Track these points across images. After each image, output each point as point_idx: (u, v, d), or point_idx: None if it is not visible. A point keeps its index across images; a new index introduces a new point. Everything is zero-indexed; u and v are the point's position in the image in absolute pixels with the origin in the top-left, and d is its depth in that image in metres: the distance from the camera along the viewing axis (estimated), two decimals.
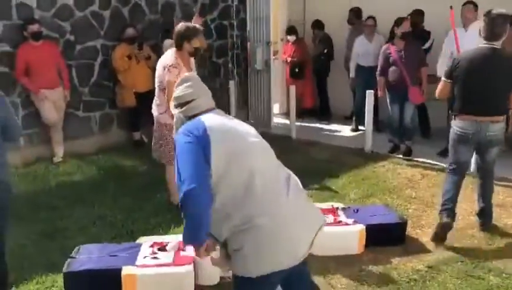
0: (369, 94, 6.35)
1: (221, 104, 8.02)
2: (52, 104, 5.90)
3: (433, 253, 3.78)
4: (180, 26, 4.29)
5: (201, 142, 2.08)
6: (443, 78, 3.97)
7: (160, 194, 4.94)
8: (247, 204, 2.10)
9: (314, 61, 8.55)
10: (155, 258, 3.23)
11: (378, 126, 7.13)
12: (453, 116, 3.95)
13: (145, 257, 3.25)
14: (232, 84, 8.12)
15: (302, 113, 8.25)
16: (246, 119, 8.51)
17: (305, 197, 2.39)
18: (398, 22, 6.01)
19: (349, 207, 4.16)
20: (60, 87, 6.01)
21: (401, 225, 3.90)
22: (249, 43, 8.41)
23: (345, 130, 7.70)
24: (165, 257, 3.25)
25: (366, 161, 6.04)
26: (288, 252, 2.14)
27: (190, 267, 3.13)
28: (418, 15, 6.88)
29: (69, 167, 5.91)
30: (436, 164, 5.74)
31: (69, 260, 3.26)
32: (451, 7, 5.03)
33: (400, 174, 5.60)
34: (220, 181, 2.09)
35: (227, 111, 8.12)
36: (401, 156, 6.16)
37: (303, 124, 7.93)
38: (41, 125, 6.09)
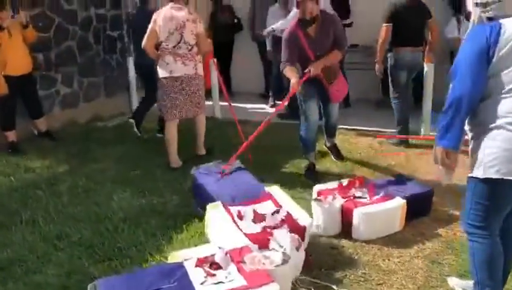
0: None
1: (119, 85, 6.92)
2: None
3: None
4: None
5: (491, 42, 2.14)
6: None
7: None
8: (506, 104, 2.15)
9: (215, 34, 7.87)
10: (219, 282, 2.37)
11: None
12: None
13: (203, 283, 2.36)
14: (130, 61, 7.01)
15: None
16: None
17: None
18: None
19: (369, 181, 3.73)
20: None
21: (431, 194, 3.63)
22: None
23: (265, 107, 7.21)
24: (229, 277, 2.41)
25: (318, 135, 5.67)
26: None
27: (274, 285, 2.36)
28: None
29: None
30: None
31: None
32: None
33: (355, 143, 5.40)
34: (492, 78, 2.17)
35: (125, 92, 7.03)
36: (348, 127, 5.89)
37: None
38: None
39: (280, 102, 6.96)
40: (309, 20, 4.01)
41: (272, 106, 7.23)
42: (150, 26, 4.45)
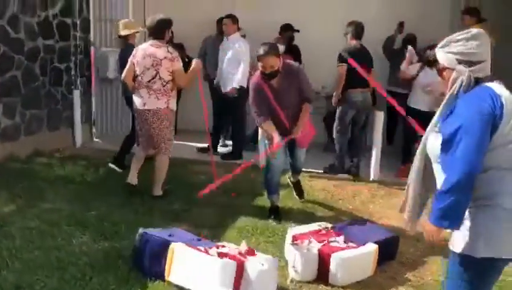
0: None
1: (63, 119, 6.59)
2: None
3: (427, 261, 3.74)
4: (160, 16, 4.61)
5: (495, 114, 1.98)
6: None
7: None
8: (503, 181, 2.01)
9: None
10: None
11: None
12: None
13: None
14: (76, 95, 6.77)
15: None
16: (89, 135, 7.18)
17: None
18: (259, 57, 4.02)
19: (335, 226, 3.80)
20: None
21: (398, 239, 3.76)
22: (92, 48, 7.14)
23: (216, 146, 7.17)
24: None
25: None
26: None
27: None
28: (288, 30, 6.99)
29: None
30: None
31: None
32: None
33: (311, 185, 5.50)
34: (491, 151, 2.00)
35: (70, 125, 6.72)
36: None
37: None
38: None
39: (230, 141, 7.02)
40: (270, 74, 4.05)
41: (222, 146, 7.22)
42: (129, 59, 4.65)
